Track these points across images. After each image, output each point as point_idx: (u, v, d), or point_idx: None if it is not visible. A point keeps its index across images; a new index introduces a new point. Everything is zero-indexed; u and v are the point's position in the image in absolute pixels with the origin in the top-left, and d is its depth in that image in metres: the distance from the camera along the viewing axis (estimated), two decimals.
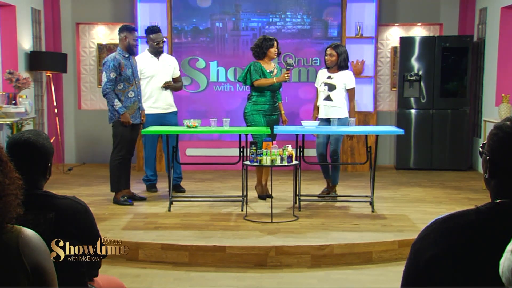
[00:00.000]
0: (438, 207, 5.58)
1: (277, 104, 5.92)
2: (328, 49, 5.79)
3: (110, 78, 5.43)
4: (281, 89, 5.99)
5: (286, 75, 5.67)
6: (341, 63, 5.74)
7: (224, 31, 7.87)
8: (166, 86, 6.18)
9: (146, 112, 6.01)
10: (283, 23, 7.88)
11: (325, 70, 5.86)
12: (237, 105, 7.93)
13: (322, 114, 5.81)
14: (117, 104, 5.45)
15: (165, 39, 6.28)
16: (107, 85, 5.44)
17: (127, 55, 5.56)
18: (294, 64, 5.69)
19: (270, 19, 7.87)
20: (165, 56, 6.32)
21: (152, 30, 6.12)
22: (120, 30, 5.63)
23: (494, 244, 1.41)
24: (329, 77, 5.78)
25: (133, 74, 5.60)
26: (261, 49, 5.79)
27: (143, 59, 6.08)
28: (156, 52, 6.14)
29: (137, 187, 6.12)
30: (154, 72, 6.12)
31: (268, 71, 5.79)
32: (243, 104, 7.82)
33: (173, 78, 6.28)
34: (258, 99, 5.80)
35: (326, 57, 5.79)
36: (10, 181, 1.63)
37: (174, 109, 6.31)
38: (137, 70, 5.77)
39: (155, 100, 6.14)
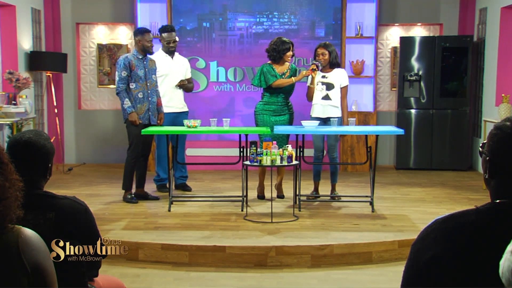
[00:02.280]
0: (438, 207, 5.58)
1: (286, 105, 5.87)
2: (319, 48, 5.77)
3: (121, 77, 5.55)
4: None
5: (305, 72, 5.67)
6: (333, 61, 5.75)
7: (211, 31, 7.87)
8: (180, 85, 6.20)
9: None
10: (270, 23, 7.88)
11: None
12: (237, 105, 7.93)
13: (319, 113, 5.78)
14: (127, 103, 5.55)
15: (177, 39, 6.28)
16: (119, 83, 5.56)
17: (140, 57, 5.65)
18: (317, 67, 5.70)
19: (258, 19, 7.87)
20: (178, 56, 6.35)
21: (165, 29, 6.17)
22: (134, 34, 5.76)
23: (494, 244, 1.41)
24: (323, 76, 5.77)
25: (146, 75, 5.64)
26: (278, 53, 5.79)
27: (158, 58, 6.13)
28: (169, 51, 6.16)
29: (146, 187, 6.07)
30: (168, 71, 6.16)
31: (280, 73, 5.79)
32: (242, 104, 7.87)
33: None
34: (269, 99, 5.84)
35: (318, 57, 5.75)
36: (10, 184, 1.62)
37: (186, 109, 6.37)
38: (154, 73, 5.78)
39: (169, 99, 6.17)
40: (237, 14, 7.87)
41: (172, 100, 6.19)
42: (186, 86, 6.28)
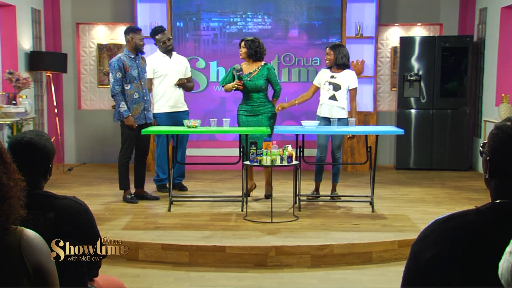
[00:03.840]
0: (438, 207, 5.58)
1: (261, 106, 5.79)
2: (327, 48, 5.86)
3: (116, 78, 5.52)
4: (274, 89, 5.94)
5: (235, 83, 5.69)
6: (338, 61, 5.75)
7: (185, 30, 7.87)
8: (180, 84, 6.20)
9: (159, 111, 6.04)
10: (244, 23, 7.87)
11: (327, 69, 5.86)
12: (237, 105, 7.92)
13: (325, 113, 5.80)
14: (123, 107, 5.52)
15: (170, 36, 6.28)
16: (114, 85, 5.54)
17: (133, 56, 5.62)
18: (238, 73, 5.72)
19: (231, 19, 7.85)
20: (177, 55, 6.35)
21: (155, 31, 6.15)
22: (126, 32, 5.69)
23: (494, 245, 1.41)
24: (332, 77, 5.79)
25: (139, 75, 5.63)
26: None
27: (156, 58, 6.11)
28: (167, 51, 6.16)
29: (146, 187, 6.07)
30: (167, 71, 6.15)
31: (247, 72, 5.77)
32: (234, 104, 7.86)
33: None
34: (244, 99, 5.88)
35: (325, 56, 5.86)
36: (13, 183, 1.63)
37: (186, 108, 6.35)
38: (146, 71, 5.79)
39: (168, 98, 6.17)
40: (211, 14, 7.85)
41: (171, 100, 6.18)
42: (185, 85, 6.28)
